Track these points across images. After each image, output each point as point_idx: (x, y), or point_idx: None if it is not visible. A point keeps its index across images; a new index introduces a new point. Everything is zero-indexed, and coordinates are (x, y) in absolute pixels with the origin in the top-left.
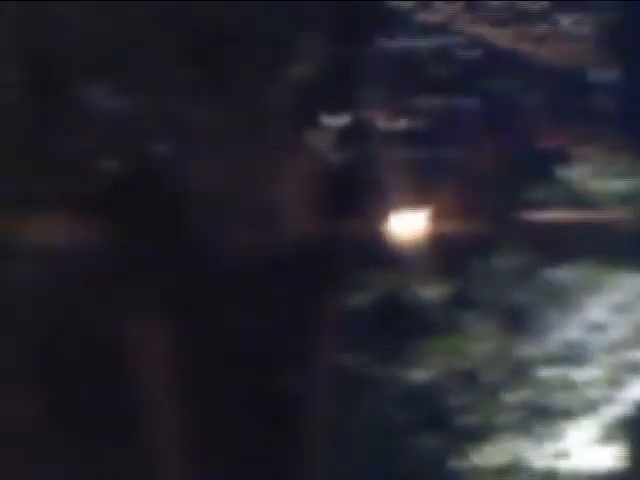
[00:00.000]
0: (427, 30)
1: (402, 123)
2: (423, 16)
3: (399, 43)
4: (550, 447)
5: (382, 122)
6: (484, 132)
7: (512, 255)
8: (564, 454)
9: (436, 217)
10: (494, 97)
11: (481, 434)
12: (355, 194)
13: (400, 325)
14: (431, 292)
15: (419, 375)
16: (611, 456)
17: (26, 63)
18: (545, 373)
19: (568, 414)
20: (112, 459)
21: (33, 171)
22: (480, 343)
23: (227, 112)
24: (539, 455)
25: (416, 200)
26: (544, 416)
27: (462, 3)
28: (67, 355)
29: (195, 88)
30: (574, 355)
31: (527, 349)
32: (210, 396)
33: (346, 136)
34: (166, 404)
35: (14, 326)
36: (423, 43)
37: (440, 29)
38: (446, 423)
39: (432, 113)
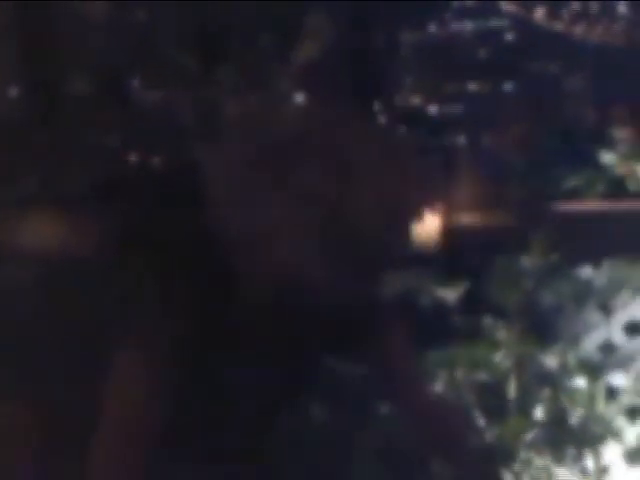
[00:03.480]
0: (468, 13)
1: (438, 108)
2: None
3: (439, 26)
4: (586, 464)
5: (417, 108)
6: (519, 116)
7: (542, 252)
8: (602, 471)
9: (457, 210)
10: (535, 80)
11: (507, 454)
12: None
13: (414, 332)
14: (450, 295)
15: (435, 388)
16: None
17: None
18: (579, 382)
19: (606, 427)
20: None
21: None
22: (504, 351)
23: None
24: (573, 474)
25: (436, 192)
26: (578, 430)
27: None
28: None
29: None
30: (612, 361)
31: (558, 356)
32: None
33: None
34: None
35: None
36: (464, 26)
37: (482, 11)
38: (465, 442)
39: (470, 98)
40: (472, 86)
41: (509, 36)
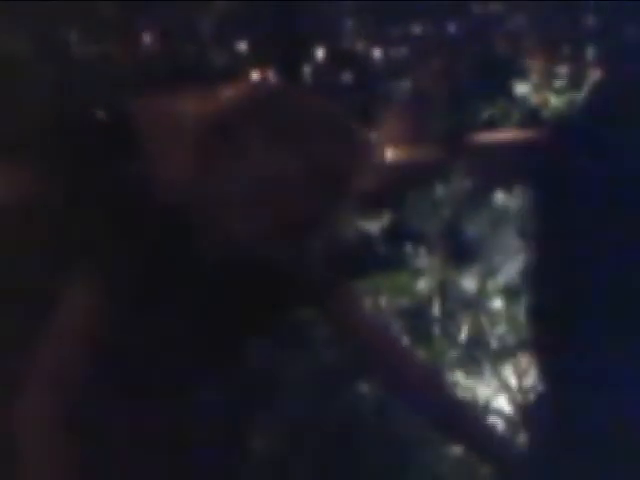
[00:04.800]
0: None
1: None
2: None
3: None
4: (509, 381)
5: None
6: (440, 52)
7: (459, 180)
8: (526, 391)
9: (382, 145)
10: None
11: None
12: None
13: (337, 262)
14: (370, 225)
15: None
16: None
17: None
18: (498, 305)
19: (522, 338)
20: None
21: None
22: (425, 278)
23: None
24: (497, 392)
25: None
26: (500, 350)
27: None
28: None
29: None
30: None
31: (477, 282)
32: None
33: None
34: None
35: None
36: None
37: None
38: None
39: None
40: (397, 26)
41: None
